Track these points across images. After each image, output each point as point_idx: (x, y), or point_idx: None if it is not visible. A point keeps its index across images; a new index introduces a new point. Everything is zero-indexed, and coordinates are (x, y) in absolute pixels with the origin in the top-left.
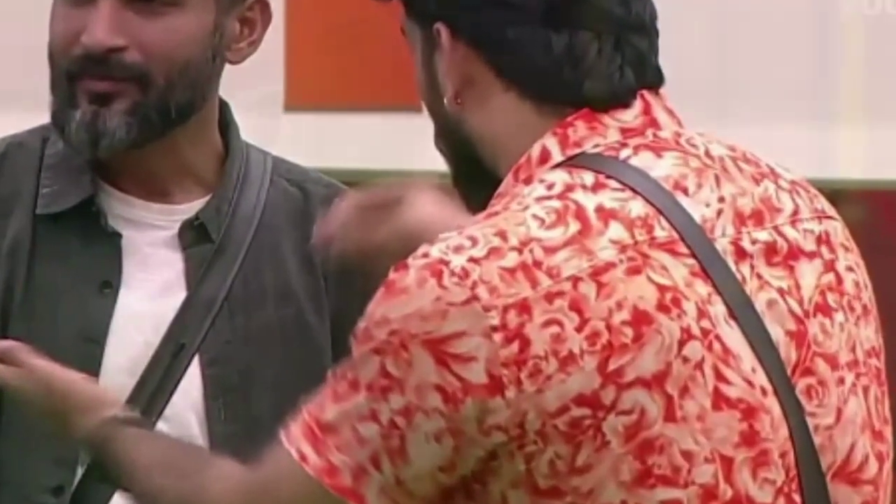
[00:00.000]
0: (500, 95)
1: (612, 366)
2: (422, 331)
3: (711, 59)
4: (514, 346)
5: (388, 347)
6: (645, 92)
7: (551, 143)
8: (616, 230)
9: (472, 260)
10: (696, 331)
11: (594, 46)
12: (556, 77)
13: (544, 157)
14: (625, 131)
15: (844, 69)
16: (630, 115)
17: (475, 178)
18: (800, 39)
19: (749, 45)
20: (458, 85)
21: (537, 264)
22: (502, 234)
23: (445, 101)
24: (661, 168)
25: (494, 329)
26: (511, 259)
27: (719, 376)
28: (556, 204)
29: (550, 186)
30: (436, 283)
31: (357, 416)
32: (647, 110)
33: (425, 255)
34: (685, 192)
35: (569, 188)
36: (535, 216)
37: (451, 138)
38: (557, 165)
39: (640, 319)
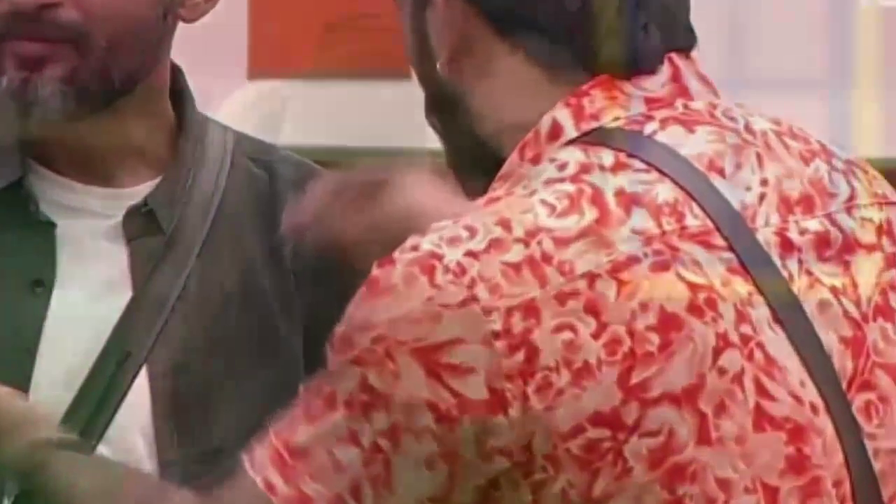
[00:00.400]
0: (504, 59)
1: (634, 379)
2: (411, 337)
3: (724, 51)
4: (520, 356)
5: (370, 357)
6: (674, 55)
7: (563, 115)
8: (640, 218)
9: (470, 254)
10: (734, 337)
11: (613, 4)
12: (570, 37)
13: (555, 131)
14: (650, 101)
15: (860, 60)
16: (656, 83)
17: (474, 158)
18: (815, 30)
19: (763, 37)
20: (454, 47)
21: (546, 259)
22: (505, 224)
23: (439, 66)
24: (693, 145)
25: (496, 335)
26: (516, 252)
27: (762, 391)
28: (569, 187)
29: (562, 167)
30: (427, 282)
31: (334, 439)
32: (676, 77)
33: (414, 248)
34: (721, 173)
35: (584, 169)
36: (543, 202)
37: (446, 111)
38: (570, 142)
39: (668, 324)
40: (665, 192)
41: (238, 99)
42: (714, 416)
